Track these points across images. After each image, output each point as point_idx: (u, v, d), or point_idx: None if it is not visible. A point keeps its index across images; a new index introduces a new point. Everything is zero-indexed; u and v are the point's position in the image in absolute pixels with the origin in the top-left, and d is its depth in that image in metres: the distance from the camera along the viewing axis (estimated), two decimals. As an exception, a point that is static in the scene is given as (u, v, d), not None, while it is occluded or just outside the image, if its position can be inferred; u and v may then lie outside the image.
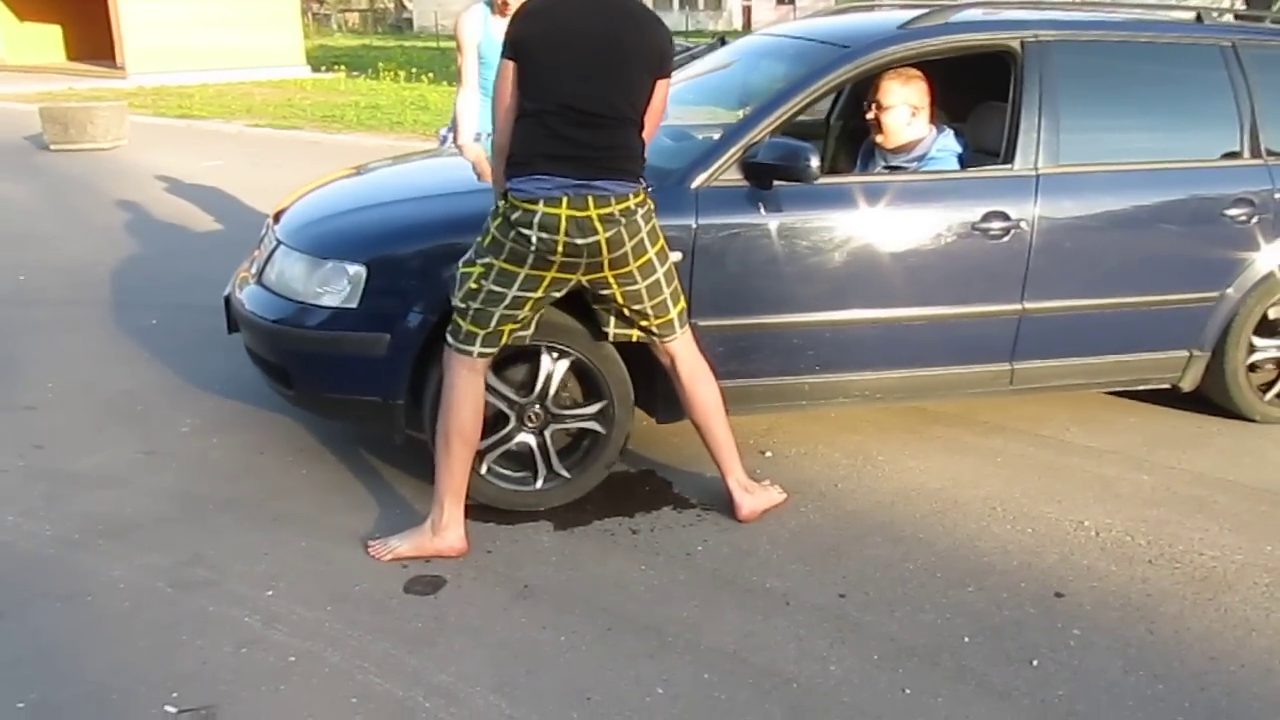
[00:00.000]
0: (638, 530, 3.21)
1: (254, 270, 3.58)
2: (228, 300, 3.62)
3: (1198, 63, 3.82)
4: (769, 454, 3.75)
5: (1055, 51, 3.60)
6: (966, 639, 2.68)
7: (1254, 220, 3.74)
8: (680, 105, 4.24)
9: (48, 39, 24.93)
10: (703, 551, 3.10)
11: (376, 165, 4.34)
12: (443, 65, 22.79)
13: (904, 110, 3.67)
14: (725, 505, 3.28)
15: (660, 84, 2.92)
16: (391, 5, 59.64)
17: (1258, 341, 3.92)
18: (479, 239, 2.91)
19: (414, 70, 21.38)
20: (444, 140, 5.11)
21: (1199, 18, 3.96)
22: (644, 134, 2.92)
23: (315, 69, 23.71)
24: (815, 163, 3.14)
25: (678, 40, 3.50)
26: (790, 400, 3.55)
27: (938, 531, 3.23)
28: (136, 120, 13.14)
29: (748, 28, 39.20)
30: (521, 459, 3.26)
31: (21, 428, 3.89)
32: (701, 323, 3.21)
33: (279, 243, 3.45)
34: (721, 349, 3.26)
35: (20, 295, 5.29)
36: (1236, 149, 3.80)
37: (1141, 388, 3.96)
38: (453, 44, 4.95)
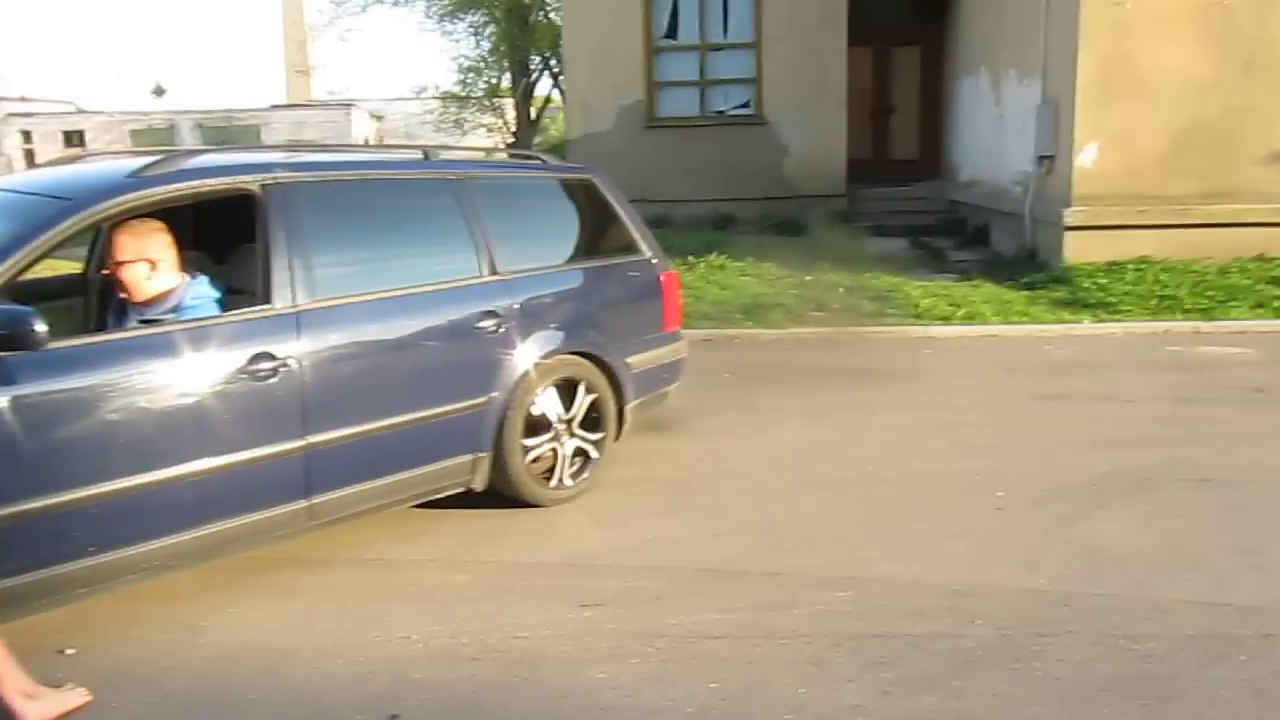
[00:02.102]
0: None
1: None
2: None
3: (431, 194, 4.25)
4: (71, 650, 3.30)
5: (296, 191, 3.74)
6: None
7: (502, 329, 4.23)
8: None
9: None
10: (-12, 792, 2.61)
11: None
12: None
13: (142, 265, 3.59)
14: (12, 726, 2.82)
15: None
16: None
17: (528, 441, 4.36)
18: None
19: None
20: None
21: (425, 155, 4.40)
22: None
23: None
24: (40, 327, 2.92)
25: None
26: (66, 592, 3.18)
27: (269, 687, 3.10)
28: None
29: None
30: None
31: None
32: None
33: None
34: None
35: None
36: (476, 270, 4.26)
37: (442, 494, 4.22)
38: None
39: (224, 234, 4.09)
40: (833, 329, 8.46)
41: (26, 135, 44.64)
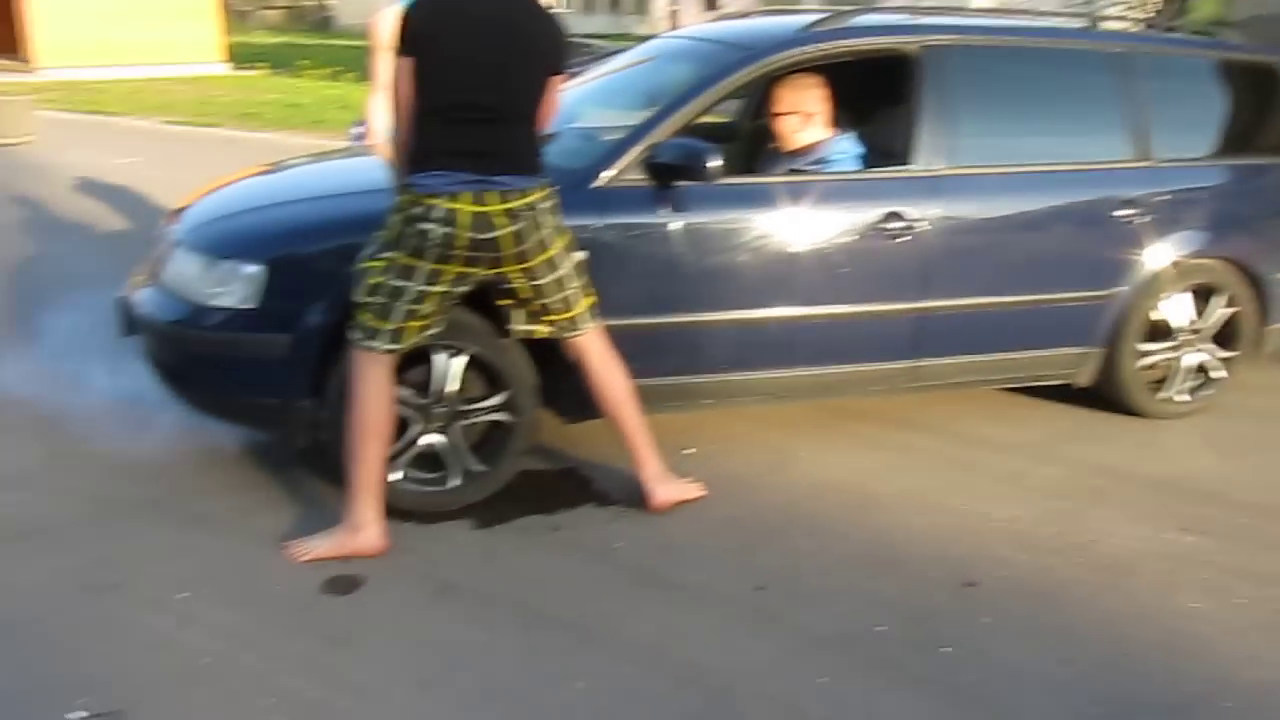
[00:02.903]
0: (559, 527, 3.22)
1: (150, 270, 3.50)
2: (122, 301, 3.52)
3: (1088, 68, 3.95)
4: (690, 451, 3.78)
5: (952, 56, 3.70)
6: (882, 628, 2.74)
7: (1140, 221, 3.88)
8: (589, 104, 4.27)
9: (-51, 30, 24.01)
10: (624, 547, 3.11)
11: (287, 164, 4.28)
12: (365, 64, 22.44)
13: (796, 117, 3.76)
14: (644, 499, 3.31)
15: (553, 80, 2.94)
16: (313, 3, 58.64)
17: (1145, 346, 4.02)
18: (380, 234, 2.90)
19: (336, 68, 21.06)
20: (356, 137, 5.09)
21: (1090, 24, 4.10)
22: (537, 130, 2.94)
23: (235, 65, 23.21)
24: (715, 162, 3.19)
25: (603, 43, 3.52)
26: (695, 399, 3.59)
27: (853, 525, 3.29)
28: (46, 115, 12.73)
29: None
30: (433, 460, 3.24)
31: (-80, 431, 3.75)
32: (605, 322, 3.21)
33: (177, 242, 3.38)
34: (626, 348, 3.27)
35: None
36: (1123, 153, 3.92)
37: (1039, 383, 4.08)
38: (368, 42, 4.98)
39: (867, 93, 4.19)
40: None
41: (673, -4, 48.97)
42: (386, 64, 4.74)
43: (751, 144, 4.74)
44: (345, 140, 5.41)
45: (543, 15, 2.92)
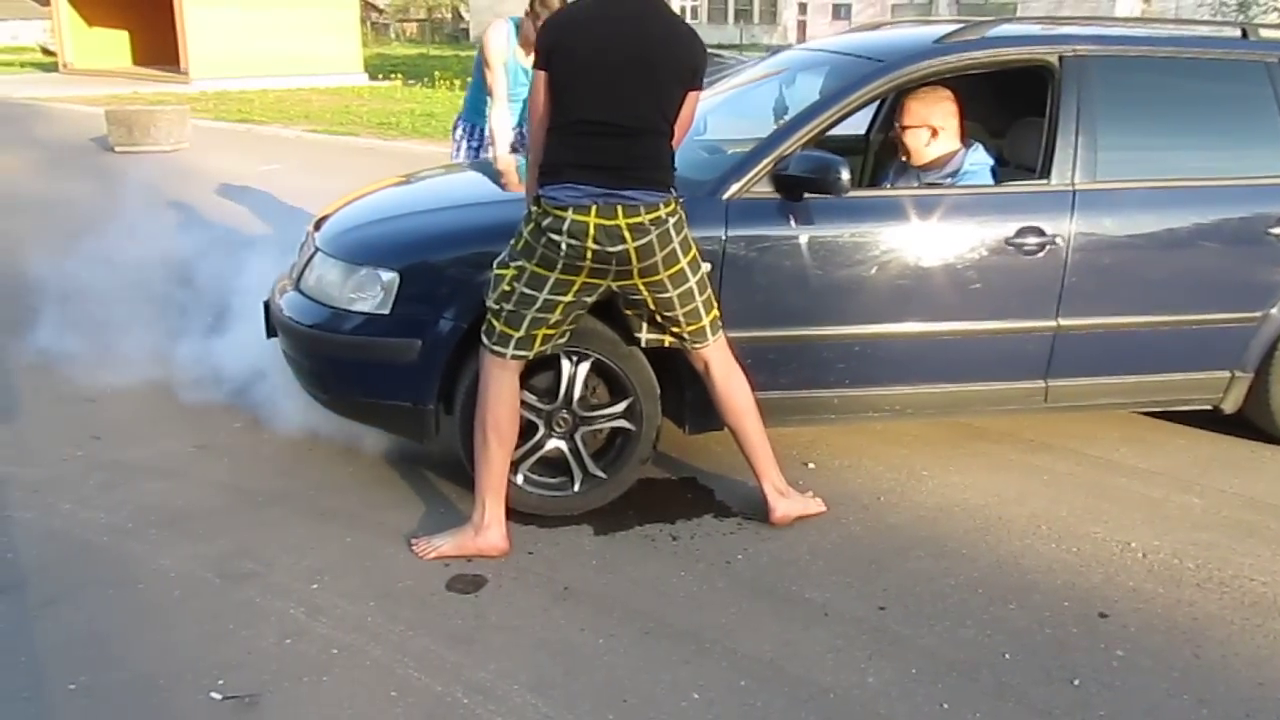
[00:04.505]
0: (678, 537, 3.22)
1: (293, 276, 3.65)
2: (267, 305, 3.69)
3: (1242, 79, 3.76)
4: (812, 465, 3.74)
5: (1094, 67, 3.57)
6: (1007, 656, 2.66)
7: None
8: (721, 114, 4.27)
9: (115, 44, 25.55)
10: (743, 560, 3.10)
11: (422, 174, 4.41)
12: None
13: (924, 131, 3.69)
14: (764, 512, 3.28)
15: (691, 96, 2.95)
16: (449, 15, 60.31)
17: None
18: (512, 242, 2.96)
19: (468, 78, 21.59)
20: (458, 142, 5.42)
21: (1244, 34, 3.90)
22: (672, 144, 2.95)
23: (373, 77, 24.05)
24: (846, 176, 3.16)
25: (732, 54, 3.52)
26: (817, 414, 3.55)
27: (980, 548, 3.20)
28: (198, 124, 13.41)
29: (802, 42, 39.11)
30: (556, 464, 3.28)
31: (81, 420, 3.99)
32: (729, 334, 3.21)
33: (317, 249, 3.52)
34: (749, 361, 3.26)
35: (79, 291, 5.41)
36: None
37: (1182, 408, 3.90)
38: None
39: (1000, 104, 4.09)
40: None
41: (802, 7, 48.83)
42: (501, 79, 4.99)
43: (879, 156, 4.69)
44: (450, 145, 5.62)
45: (682, 31, 2.93)
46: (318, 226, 3.74)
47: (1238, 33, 3.95)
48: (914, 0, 40.62)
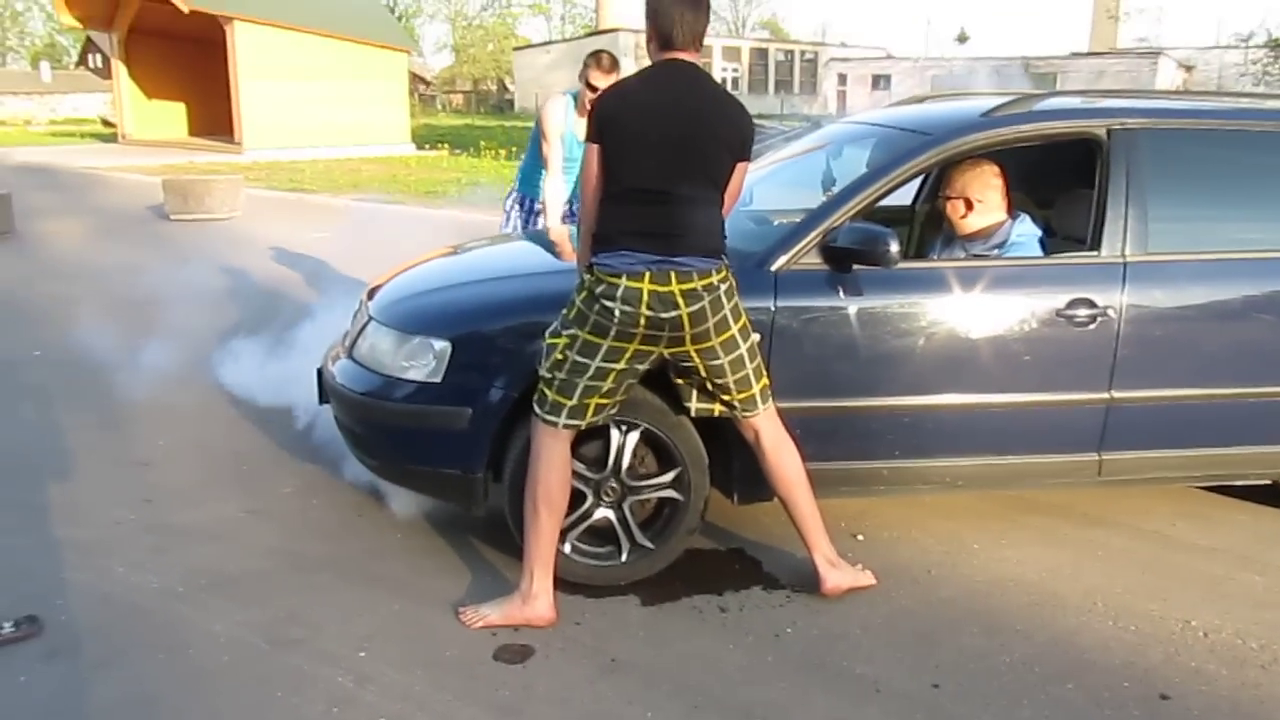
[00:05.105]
0: (726, 609, 3.19)
1: (346, 344, 3.70)
2: (320, 373, 3.74)
3: None
4: (861, 537, 3.69)
5: (1143, 139, 3.56)
6: (1066, 738, 2.59)
7: None
8: (767, 186, 4.31)
9: (172, 116, 26.42)
10: (792, 633, 3.05)
11: (471, 245, 4.48)
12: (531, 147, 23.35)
13: (959, 203, 3.73)
14: (814, 584, 3.24)
15: (740, 166, 2.99)
16: (494, 87, 61.66)
17: None
18: (565, 311, 2.99)
19: (514, 149, 22.00)
20: (508, 212, 5.57)
21: None
22: (722, 213, 2.99)
23: (420, 146, 24.60)
24: (895, 247, 3.17)
25: (773, 124, 3.57)
26: (866, 485, 3.52)
27: (1035, 624, 3.13)
28: (251, 192, 13.75)
29: (842, 113, 39.47)
30: (604, 534, 3.28)
31: (133, 482, 4.05)
32: (778, 404, 3.20)
33: (371, 318, 3.58)
34: (798, 431, 3.24)
35: (135, 357, 5.53)
36: None
37: (1240, 483, 3.82)
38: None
39: (1048, 176, 4.09)
40: None
41: (841, 78, 49.39)
42: (557, 151, 5.10)
43: (925, 227, 4.70)
44: (500, 212, 5.74)
45: (730, 103, 2.99)
46: (371, 295, 3.80)
47: (1286, 105, 3.95)
48: (952, 73, 40.92)
